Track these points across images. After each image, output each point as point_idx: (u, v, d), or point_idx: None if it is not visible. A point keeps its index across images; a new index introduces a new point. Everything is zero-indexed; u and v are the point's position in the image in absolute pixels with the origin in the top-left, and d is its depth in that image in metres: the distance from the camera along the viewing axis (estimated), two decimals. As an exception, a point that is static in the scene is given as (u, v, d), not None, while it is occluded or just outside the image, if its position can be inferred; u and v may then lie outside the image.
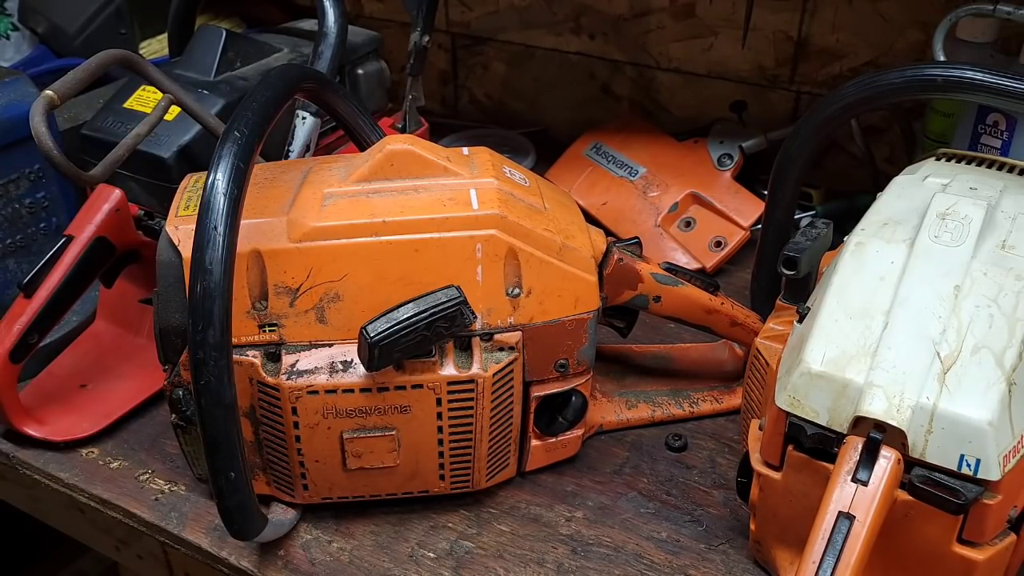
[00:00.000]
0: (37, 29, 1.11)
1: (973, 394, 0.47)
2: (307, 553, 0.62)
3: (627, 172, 0.96)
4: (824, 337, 0.51)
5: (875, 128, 0.99)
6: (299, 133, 0.81)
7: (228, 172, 0.51)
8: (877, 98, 0.63)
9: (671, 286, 0.68)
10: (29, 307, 0.67)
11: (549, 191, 0.66)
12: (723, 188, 0.93)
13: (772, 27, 1.00)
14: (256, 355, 0.57)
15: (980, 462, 0.47)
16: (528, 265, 0.59)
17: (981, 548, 0.49)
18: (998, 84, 0.58)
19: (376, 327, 0.54)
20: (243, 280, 0.56)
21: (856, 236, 0.56)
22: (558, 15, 1.12)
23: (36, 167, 0.79)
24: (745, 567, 0.60)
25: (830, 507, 0.48)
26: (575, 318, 0.61)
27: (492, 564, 0.61)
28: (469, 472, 0.62)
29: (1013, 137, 0.76)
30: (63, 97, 0.64)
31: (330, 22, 0.81)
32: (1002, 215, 0.55)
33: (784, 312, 0.61)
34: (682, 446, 0.70)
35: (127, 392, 0.74)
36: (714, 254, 0.91)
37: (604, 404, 0.72)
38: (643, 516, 0.64)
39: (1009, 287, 0.50)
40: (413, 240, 0.57)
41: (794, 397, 0.51)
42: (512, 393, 0.61)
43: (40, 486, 0.69)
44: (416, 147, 0.60)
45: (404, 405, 0.58)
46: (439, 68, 1.24)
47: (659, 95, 1.11)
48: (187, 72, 0.81)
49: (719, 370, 0.77)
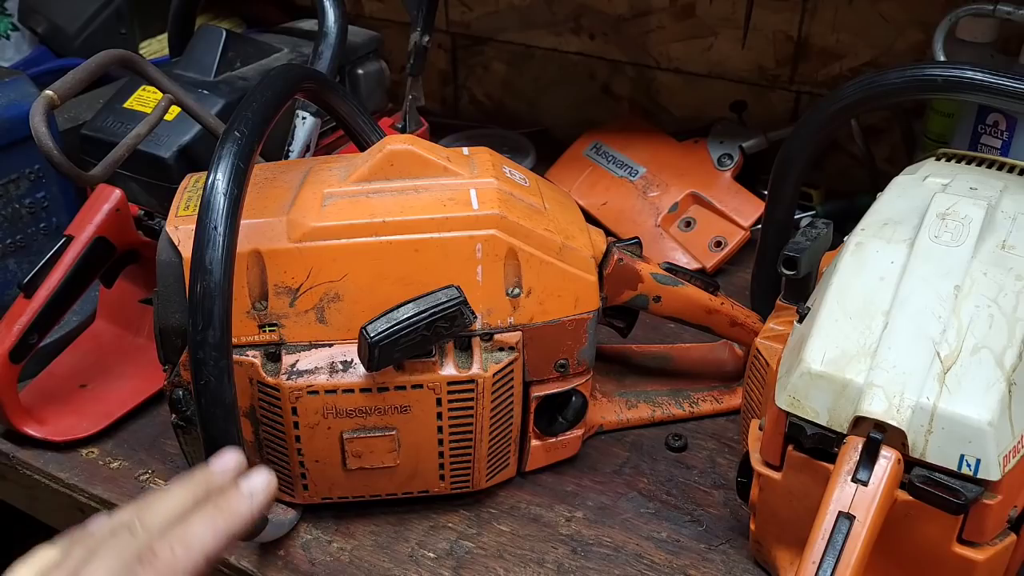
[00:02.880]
0: (37, 29, 1.11)
1: (973, 394, 0.47)
2: (307, 553, 0.62)
3: (627, 172, 0.96)
4: (824, 337, 0.51)
5: (875, 128, 0.99)
6: (299, 133, 0.81)
7: (228, 172, 0.51)
8: (877, 98, 0.63)
9: (671, 286, 0.68)
10: (29, 307, 0.67)
11: (549, 191, 0.66)
12: (723, 188, 0.93)
13: (772, 27, 1.00)
14: (256, 355, 0.57)
15: (980, 462, 0.47)
16: (528, 265, 0.59)
17: (981, 548, 0.49)
18: (998, 84, 0.58)
19: (376, 327, 0.54)
20: (243, 280, 0.56)
21: (856, 236, 0.56)
22: (558, 15, 1.12)
23: (36, 167, 0.79)
24: (745, 567, 0.60)
25: (830, 507, 0.48)
26: (575, 318, 0.61)
27: (492, 564, 0.61)
28: (469, 472, 0.62)
29: (1013, 137, 0.76)
30: (63, 97, 0.64)
31: (330, 22, 0.81)
32: (1002, 215, 0.55)
33: (784, 312, 0.61)
34: (682, 446, 0.70)
35: (127, 392, 0.74)
36: (714, 254, 0.91)
37: (604, 404, 0.72)
38: (643, 516, 0.64)
39: (1009, 287, 0.50)
40: (413, 240, 0.57)
41: (794, 397, 0.51)
42: (512, 393, 0.61)
43: (40, 486, 0.69)
44: (416, 147, 0.60)
45: (404, 405, 0.58)
46: (439, 68, 1.24)
47: (659, 95, 1.11)
48: (187, 72, 0.81)
49: (719, 370, 0.77)
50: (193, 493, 0.43)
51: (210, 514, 0.42)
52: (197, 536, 0.41)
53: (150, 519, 0.41)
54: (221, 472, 0.46)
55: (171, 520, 0.41)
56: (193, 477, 0.45)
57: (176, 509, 0.42)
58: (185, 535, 0.40)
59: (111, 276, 0.73)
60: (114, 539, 0.41)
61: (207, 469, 0.46)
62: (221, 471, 0.46)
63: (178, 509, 0.42)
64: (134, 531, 0.41)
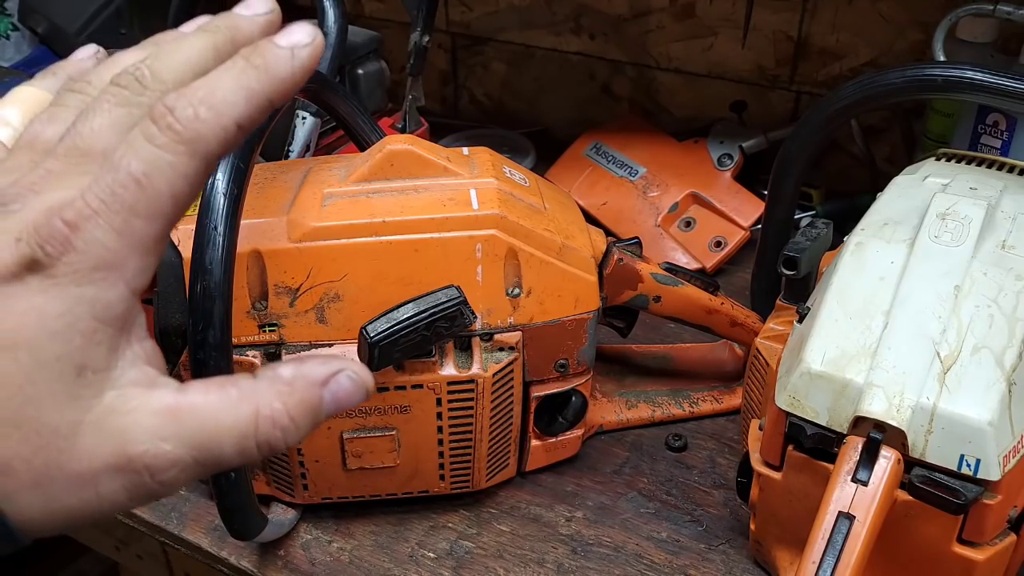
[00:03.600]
0: (37, 29, 1.11)
1: (973, 394, 0.47)
2: (307, 553, 0.62)
3: (627, 172, 0.96)
4: (824, 337, 0.51)
5: (875, 128, 0.99)
6: (299, 133, 0.81)
7: (228, 172, 0.51)
8: (877, 98, 0.63)
9: (671, 286, 0.68)
10: (29, 307, 0.67)
11: (549, 191, 0.66)
12: (723, 188, 0.93)
13: (772, 27, 1.00)
14: (256, 355, 0.57)
15: (980, 462, 0.47)
16: (528, 265, 0.59)
17: (981, 548, 0.49)
18: (998, 84, 0.58)
19: (376, 327, 0.54)
20: (243, 280, 0.56)
21: (856, 236, 0.56)
22: (558, 15, 1.12)
23: (36, 167, 0.79)
24: (745, 567, 0.60)
25: (830, 507, 0.48)
26: (575, 318, 0.61)
27: (492, 564, 0.61)
28: (469, 472, 0.62)
29: (1013, 137, 0.76)
30: (63, 97, 0.64)
31: (330, 22, 0.81)
32: (1002, 215, 0.55)
33: (784, 312, 0.61)
34: (682, 446, 0.70)
35: (127, 392, 0.74)
36: (714, 254, 0.91)
37: (604, 404, 0.72)
38: (643, 516, 0.64)
39: (1009, 287, 0.50)
40: (413, 240, 0.57)
41: (794, 397, 0.51)
42: (512, 393, 0.61)
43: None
44: (416, 147, 0.60)
45: (404, 405, 0.58)
46: (439, 68, 1.24)
47: (659, 95, 1.11)
48: (187, 72, 0.81)
49: (719, 370, 0.77)
50: (214, 43, 0.34)
51: (241, 69, 0.32)
52: (226, 96, 0.31)
53: (163, 69, 0.33)
54: (251, 18, 0.35)
55: (191, 74, 0.33)
56: (215, 21, 0.35)
57: (195, 61, 0.33)
58: (212, 95, 0.31)
59: (111, 276, 0.73)
60: (118, 88, 0.32)
61: (232, 12, 0.35)
62: (251, 15, 0.35)
63: (198, 61, 0.33)
64: (143, 81, 0.32)
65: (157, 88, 0.32)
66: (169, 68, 0.33)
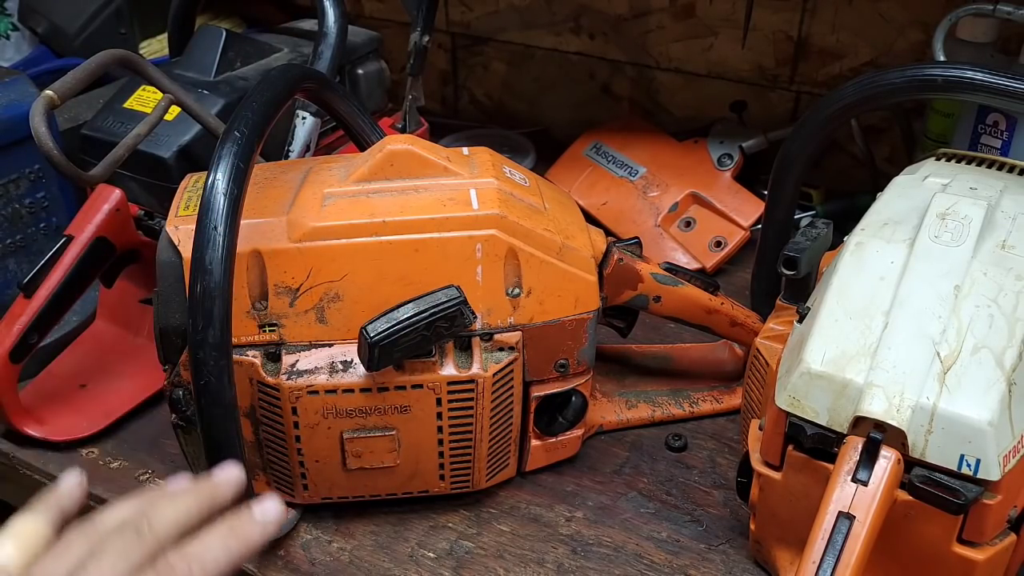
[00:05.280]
0: (37, 29, 1.11)
1: (973, 394, 0.47)
2: (307, 553, 0.62)
3: (627, 172, 0.96)
4: (824, 337, 0.51)
5: (875, 128, 0.99)
6: (299, 133, 0.81)
7: (228, 172, 0.51)
8: (877, 98, 0.63)
9: (671, 286, 0.68)
10: (29, 307, 0.67)
11: (549, 191, 0.66)
12: (723, 188, 0.93)
13: (772, 27, 1.00)
14: (256, 355, 0.57)
15: (980, 462, 0.47)
16: (528, 265, 0.59)
17: (981, 548, 0.49)
18: (998, 84, 0.58)
19: (376, 327, 0.54)
20: (243, 280, 0.56)
21: (856, 236, 0.56)
22: (558, 15, 1.12)
23: (36, 167, 0.79)
24: (745, 567, 0.60)
25: (830, 507, 0.48)
26: (575, 318, 0.61)
27: (492, 564, 0.61)
28: (469, 472, 0.62)
29: (1013, 137, 0.76)
30: (63, 97, 0.64)
31: (330, 22, 0.81)
32: (1002, 215, 0.55)
33: (784, 312, 0.61)
34: (682, 446, 0.70)
35: (127, 392, 0.74)
36: (714, 254, 0.91)
37: (604, 404, 0.72)
38: (643, 516, 0.64)
39: (1009, 287, 0.50)
40: (413, 240, 0.57)
41: (794, 397, 0.51)
42: (512, 393, 0.61)
43: (40, 486, 0.69)
44: (416, 147, 0.60)
45: (404, 405, 0.58)
46: (439, 68, 1.24)
47: (659, 95, 1.11)
48: (187, 72, 0.81)
49: (719, 370, 0.77)
50: (198, 503, 0.43)
51: (225, 535, 0.42)
52: (214, 557, 0.41)
53: (158, 523, 0.41)
54: (225, 483, 0.46)
55: (179, 528, 0.41)
56: (198, 486, 0.45)
57: (184, 518, 0.42)
58: (203, 554, 0.40)
59: (111, 276, 0.73)
60: (120, 538, 0.40)
61: (210, 480, 0.46)
62: (225, 482, 0.46)
63: (186, 518, 0.42)
64: (141, 532, 0.40)
65: (152, 538, 0.40)
66: (163, 522, 0.41)
